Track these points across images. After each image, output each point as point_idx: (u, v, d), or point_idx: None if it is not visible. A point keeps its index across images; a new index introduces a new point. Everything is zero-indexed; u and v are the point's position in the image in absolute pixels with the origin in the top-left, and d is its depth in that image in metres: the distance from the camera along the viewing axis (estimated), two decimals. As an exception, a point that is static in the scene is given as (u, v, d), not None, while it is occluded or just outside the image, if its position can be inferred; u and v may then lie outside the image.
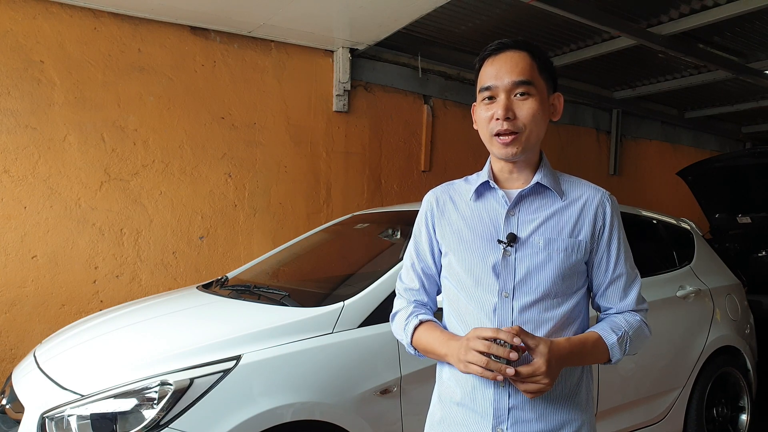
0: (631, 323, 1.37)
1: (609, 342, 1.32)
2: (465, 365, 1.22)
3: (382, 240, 3.07)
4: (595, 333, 1.33)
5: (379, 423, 2.15)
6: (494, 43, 1.35)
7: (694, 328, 3.29)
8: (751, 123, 8.40)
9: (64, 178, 3.64)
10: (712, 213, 5.73)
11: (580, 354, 1.28)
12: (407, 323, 1.43)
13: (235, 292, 2.70)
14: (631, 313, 1.40)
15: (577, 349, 1.27)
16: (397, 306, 1.51)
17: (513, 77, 1.29)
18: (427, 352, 1.39)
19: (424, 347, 1.39)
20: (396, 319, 1.50)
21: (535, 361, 1.19)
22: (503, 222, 1.34)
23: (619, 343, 1.33)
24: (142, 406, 1.86)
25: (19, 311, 3.51)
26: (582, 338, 1.31)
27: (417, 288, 1.48)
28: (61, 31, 3.64)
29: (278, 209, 4.49)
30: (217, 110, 4.20)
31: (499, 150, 1.33)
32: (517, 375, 1.18)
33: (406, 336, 1.42)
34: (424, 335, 1.39)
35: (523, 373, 1.18)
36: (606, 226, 1.36)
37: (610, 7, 4.24)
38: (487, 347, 1.18)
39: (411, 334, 1.41)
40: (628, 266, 1.39)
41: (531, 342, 1.19)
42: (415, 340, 1.41)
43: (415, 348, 1.42)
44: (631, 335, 1.35)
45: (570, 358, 1.25)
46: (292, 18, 3.98)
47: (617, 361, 1.35)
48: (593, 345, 1.31)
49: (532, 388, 1.20)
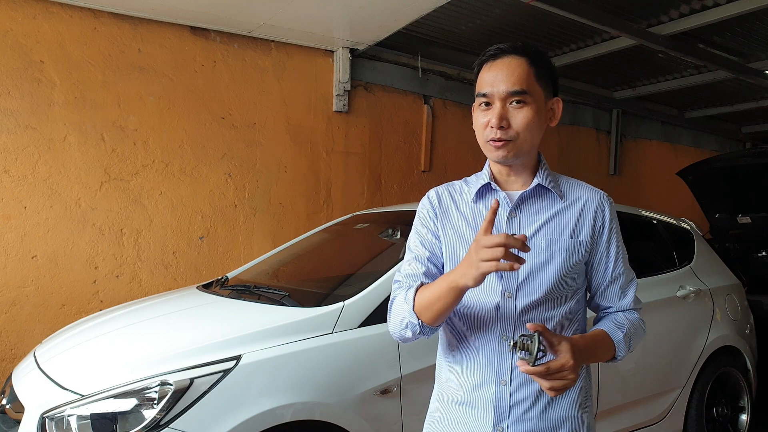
0: (632, 321, 1.40)
1: (616, 339, 1.34)
2: (477, 266, 1.14)
3: (382, 240, 3.06)
4: (602, 330, 1.35)
5: (379, 423, 2.15)
6: (492, 48, 1.34)
7: (694, 328, 3.29)
8: (751, 123, 8.40)
9: (64, 178, 3.64)
10: (712, 213, 5.73)
11: (593, 350, 1.30)
12: (407, 294, 1.32)
13: (235, 292, 2.70)
14: (631, 312, 1.43)
15: (591, 346, 1.28)
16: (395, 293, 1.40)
17: (508, 86, 1.28)
18: (432, 303, 1.26)
19: (428, 299, 1.27)
20: (394, 303, 1.37)
21: (563, 356, 1.16)
22: (505, 223, 1.34)
23: (625, 340, 1.35)
24: (142, 406, 1.86)
25: (19, 311, 3.52)
26: (592, 335, 1.33)
27: (423, 272, 1.38)
28: (61, 31, 3.64)
29: (278, 209, 4.49)
30: (217, 110, 4.20)
31: (491, 153, 1.33)
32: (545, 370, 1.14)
33: (407, 305, 1.30)
34: (425, 290, 1.29)
35: (552, 368, 1.15)
36: (605, 226, 1.38)
37: (610, 7, 4.24)
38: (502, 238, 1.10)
39: (412, 300, 1.30)
40: (626, 267, 1.42)
41: (554, 339, 1.17)
42: (417, 303, 1.29)
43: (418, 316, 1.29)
44: (633, 332, 1.38)
45: (586, 355, 1.26)
46: (292, 18, 3.98)
47: (622, 357, 1.37)
48: (602, 341, 1.33)
49: (559, 384, 1.17)
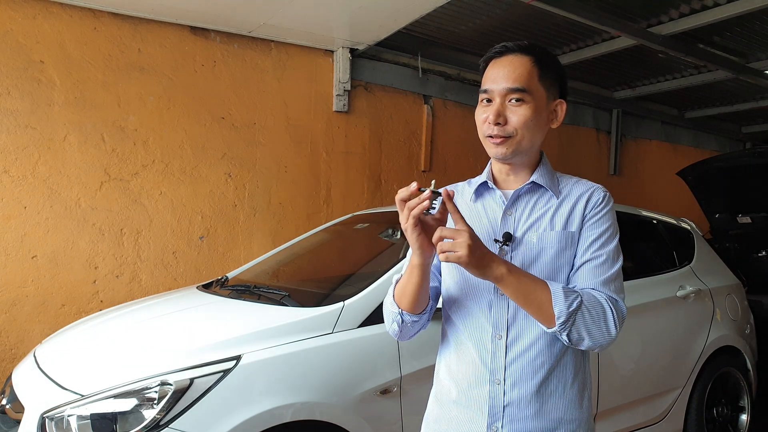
0: (591, 295, 1.25)
1: (553, 288, 1.21)
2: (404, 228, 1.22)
3: (382, 240, 3.07)
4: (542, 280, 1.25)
5: (379, 423, 2.16)
6: (498, 46, 1.35)
7: (694, 328, 3.29)
8: (751, 123, 8.40)
9: (64, 178, 3.64)
10: (712, 213, 5.73)
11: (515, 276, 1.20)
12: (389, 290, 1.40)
13: (235, 292, 2.70)
14: (597, 291, 1.27)
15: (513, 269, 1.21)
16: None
17: (508, 83, 1.29)
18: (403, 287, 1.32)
19: (401, 286, 1.33)
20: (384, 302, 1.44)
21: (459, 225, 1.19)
22: (500, 221, 1.35)
23: (565, 295, 1.20)
24: (142, 406, 1.86)
25: (19, 311, 3.51)
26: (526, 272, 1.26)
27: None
28: (61, 31, 3.64)
29: (278, 209, 4.49)
30: (217, 110, 4.20)
31: (490, 150, 1.34)
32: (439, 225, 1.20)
33: (389, 297, 1.38)
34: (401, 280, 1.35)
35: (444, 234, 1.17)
36: (593, 210, 1.32)
37: (610, 7, 4.24)
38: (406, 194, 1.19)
39: (392, 292, 1.38)
40: (608, 252, 1.30)
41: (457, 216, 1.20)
42: (396, 294, 1.36)
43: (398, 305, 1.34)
44: (587, 305, 1.22)
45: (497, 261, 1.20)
46: (292, 18, 3.98)
47: (562, 326, 1.20)
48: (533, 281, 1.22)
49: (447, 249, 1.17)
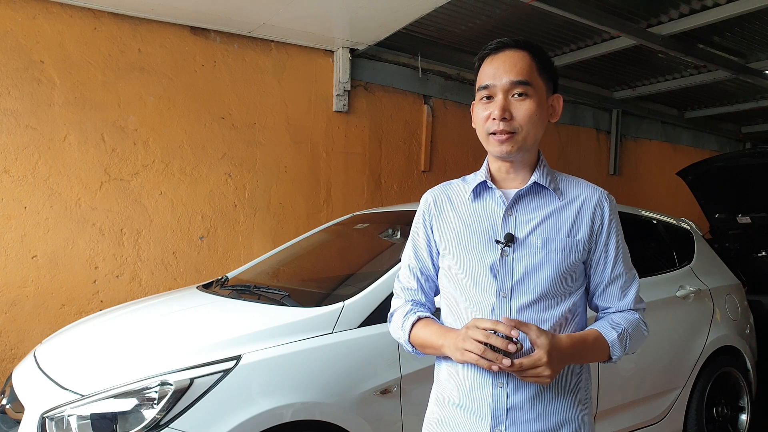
0: (630, 321, 1.37)
1: (609, 339, 1.32)
2: (462, 353, 1.22)
3: (382, 240, 3.07)
4: (595, 330, 1.33)
5: (379, 423, 2.15)
6: (494, 42, 1.34)
7: (694, 328, 3.28)
8: (751, 123, 8.40)
9: (64, 178, 3.64)
10: (712, 213, 5.73)
11: (581, 350, 1.28)
12: (405, 320, 1.43)
13: (235, 292, 2.70)
14: (630, 312, 1.39)
15: (578, 345, 1.27)
16: (395, 305, 1.51)
17: (511, 77, 1.28)
18: (424, 347, 1.39)
19: (421, 342, 1.38)
20: (393, 317, 1.50)
21: (536, 352, 1.18)
22: (501, 222, 1.33)
23: (620, 340, 1.32)
24: (142, 406, 1.86)
25: (19, 311, 3.51)
26: (583, 335, 1.31)
27: (415, 288, 1.48)
28: (61, 31, 3.64)
29: (278, 209, 4.49)
30: (217, 110, 4.20)
31: (494, 148, 1.32)
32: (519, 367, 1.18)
33: (404, 333, 1.42)
34: (422, 330, 1.38)
35: (524, 365, 1.17)
36: (604, 225, 1.35)
37: (610, 7, 4.24)
38: (485, 337, 1.18)
39: (409, 330, 1.41)
40: (627, 266, 1.40)
41: (533, 334, 1.19)
42: (413, 336, 1.40)
43: (413, 345, 1.42)
44: (631, 333, 1.35)
45: (571, 354, 1.25)
46: (292, 18, 3.98)
47: (617, 358, 1.35)
48: (594, 342, 1.31)
49: (532, 381, 1.21)
